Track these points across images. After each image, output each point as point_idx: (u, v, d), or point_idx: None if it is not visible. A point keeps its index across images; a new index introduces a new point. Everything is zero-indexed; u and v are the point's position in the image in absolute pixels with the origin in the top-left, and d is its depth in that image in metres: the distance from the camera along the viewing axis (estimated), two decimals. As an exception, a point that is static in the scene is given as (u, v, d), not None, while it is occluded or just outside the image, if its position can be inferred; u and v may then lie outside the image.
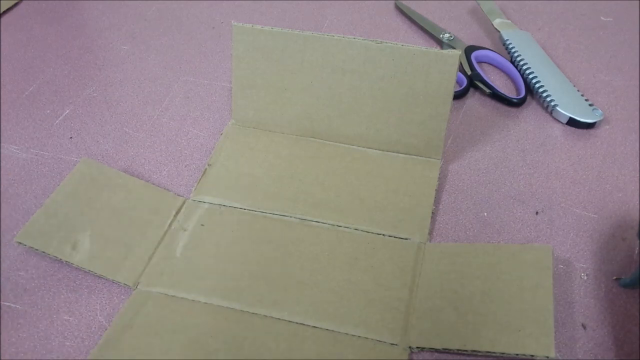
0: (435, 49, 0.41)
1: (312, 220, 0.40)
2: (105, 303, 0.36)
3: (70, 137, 0.47)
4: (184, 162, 0.45)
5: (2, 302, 0.36)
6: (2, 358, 0.33)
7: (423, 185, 0.42)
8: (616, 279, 0.37)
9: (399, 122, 0.43)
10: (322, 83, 0.43)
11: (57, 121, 0.48)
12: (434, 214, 0.41)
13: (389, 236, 0.39)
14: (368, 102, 0.43)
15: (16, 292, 0.36)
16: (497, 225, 0.40)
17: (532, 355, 0.31)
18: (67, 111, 0.50)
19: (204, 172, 0.43)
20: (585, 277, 0.37)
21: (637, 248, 0.39)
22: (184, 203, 0.41)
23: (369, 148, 0.45)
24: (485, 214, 0.41)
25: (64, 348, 0.34)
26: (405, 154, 0.44)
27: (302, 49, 0.43)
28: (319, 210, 0.40)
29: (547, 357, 0.31)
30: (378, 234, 0.39)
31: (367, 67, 0.42)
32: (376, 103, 0.43)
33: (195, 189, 0.42)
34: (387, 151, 0.44)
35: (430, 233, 0.40)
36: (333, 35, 0.42)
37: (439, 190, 0.43)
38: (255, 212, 0.40)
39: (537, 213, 0.41)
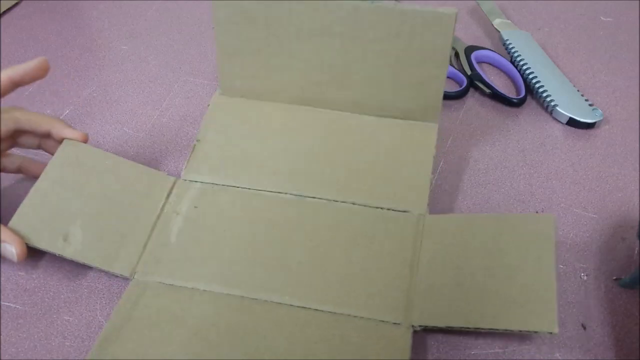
0: (431, 8, 0.38)
1: (308, 197, 0.39)
2: (105, 303, 0.36)
3: (70, 137, 0.47)
4: (185, 162, 0.45)
5: (2, 302, 0.36)
6: (2, 358, 0.33)
7: (420, 152, 0.41)
8: (616, 279, 0.37)
9: (394, 86, 0.41)
10: (310, 47, 0.41)
11: (57, 121, 0.48)
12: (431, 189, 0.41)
13: (388, 209, 0.38)
14: (360, 66, 0.41)
15: (16, 292, 0.36)
16: (497, 225, 0.40)
17: (536, 332, 0.31)
18: (67, 111, 0.50)
19: (193, 148, 0.42)
20: (585, 277, 0.37)
21: (637, 248, 0.39)
22: (175, 183, 0.40)
23: (364, 114, 0.43)
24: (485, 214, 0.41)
25: (64, 348, 0.34)
26: (401, 118, 0.42)
27: (287, 12, 0.40)
28: (315, 185, 0.39)
29: (551, 332, 0.30)
30: (376, 207, 0.38)
31: (358, 29, 0.40)
32: (369, 67, 0.41)
33: (185, 167, 0.41)
34: (382, 116, 0.43)
35: (430, 203, 0.39)
36: None
37: (439, 189, 0.43)
38: (250, 190, 0.39)
39: (537, 213, 0.41)
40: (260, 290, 0.35)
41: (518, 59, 0.52)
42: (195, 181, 0.40)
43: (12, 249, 0.34)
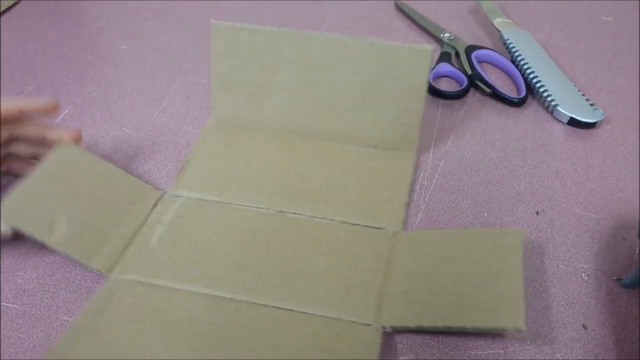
0: (409, 45, 0.41)
1: (289, 213, 0.40)
2: (105, 303, 0.36)
3: (70, 137, 0.47)
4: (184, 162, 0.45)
5: (1, 303, 0.36)
6: (1, 358, 0.33)
7: (398, 178, 0.42)
8: (617, 280, 0.37)
9: (375, 118, 0.44)
10: (299, 80, 0.44)
11: (57, 121, 0.48)
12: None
13: (364, 226, 0.39)
14: (345, 98, 0.44)
15: (15, 293, 0.36)
16: (497, 225, 0.40)
17: (503, 329, 0.32)
18: (66, 111, 0.49)
19: (183, 168, 0.43)
20: (586, 278, 0.37)
21: (638, 248, 0.39)
22: (161, 197, 0.41)
23: (347, 144, 0.45)
24: (486, 214, 0.41)
25: (63, 349, 0.34)
26: (381, 148, 0.44)
27: (279, 45, 0.43)
28: (296, 202, 0.41)
29: (518, 329, 0.31)
30: (354, 224, 0.39)
31: (343, 63, 0.42)
32: (352, 99, 0.43)
33: (173, 185, 0.42)
34: (364, 146, 0.45)
35: (405, 223, 0.40)
36: (310, 32, 0.42)
37: (439, 190, 0.43)
38: (233, 205, 0.41)
39: (537, 213, 0.41)
40: (235, 291, 0.35)
41: (519, 58, 0.52)
42: (181, 195, 0.41)
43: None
